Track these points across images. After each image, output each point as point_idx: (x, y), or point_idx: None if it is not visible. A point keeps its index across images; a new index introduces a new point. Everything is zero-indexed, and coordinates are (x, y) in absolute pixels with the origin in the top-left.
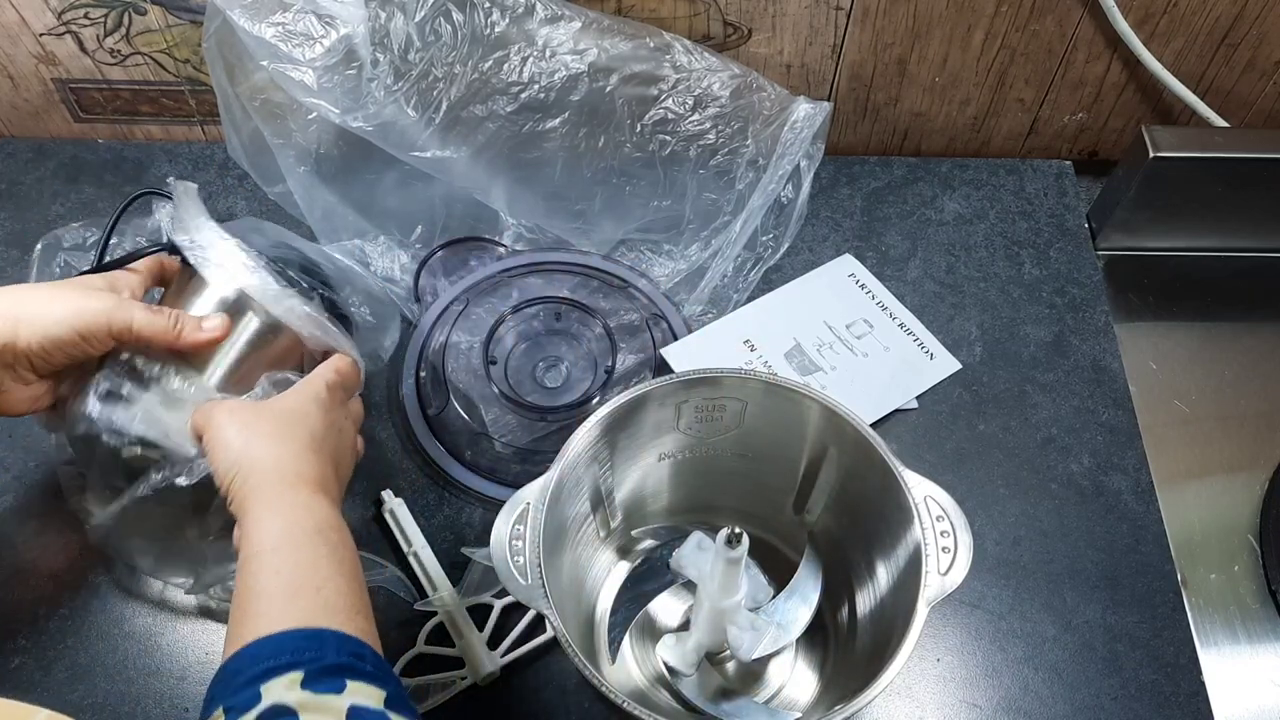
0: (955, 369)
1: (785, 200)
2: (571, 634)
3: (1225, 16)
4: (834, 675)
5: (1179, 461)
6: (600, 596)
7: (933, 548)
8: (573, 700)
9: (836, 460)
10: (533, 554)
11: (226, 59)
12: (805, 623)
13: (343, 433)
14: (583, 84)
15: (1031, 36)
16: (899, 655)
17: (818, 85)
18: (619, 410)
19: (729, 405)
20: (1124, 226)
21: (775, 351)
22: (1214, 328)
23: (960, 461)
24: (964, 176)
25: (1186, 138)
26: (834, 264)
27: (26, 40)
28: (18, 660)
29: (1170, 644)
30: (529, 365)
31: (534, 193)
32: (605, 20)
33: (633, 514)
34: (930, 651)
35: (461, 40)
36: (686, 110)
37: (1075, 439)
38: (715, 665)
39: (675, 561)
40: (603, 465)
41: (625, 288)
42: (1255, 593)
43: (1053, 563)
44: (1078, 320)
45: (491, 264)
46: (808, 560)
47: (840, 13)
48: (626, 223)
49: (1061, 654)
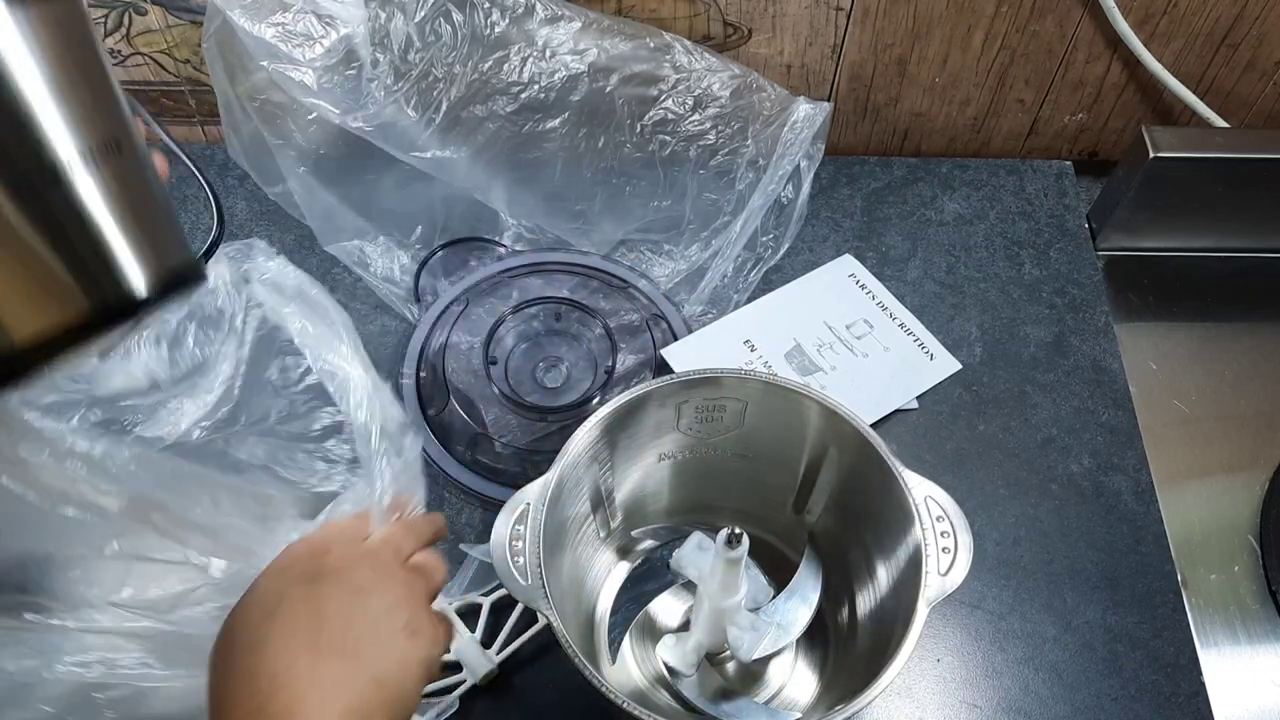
0: (955, 369)
1: (785, 200)
2: (571, 634)
3: (1225, 17)
4: (834, 675)
5: (1179, 461)
6: (600, 596)
7: (933, 548)
8: (573, 700)
9: (836, 460)
10: (533, 554)
11: (226, 59)
12: (805, 623)
13: (404, 619)
14: (583, 84)
15: (1031, 37)
16: (899, 655)
17: (818, 85)
18: (619, 410)
19: (729, 405)
20: (1124, 226)
21: (775, 352)
22: (1214, 328)
23: (960, 462)
24: (964, 177)
25: (1186, 138)
26: (834, 264)
27: None
28: None
29: (1170, 644)
30: (529, 365)
31: (534, 193)
32: (605, 20)
33: (633, 514)
34: (930, 652)
35: (461, 40)
36: (686, 110)
37: (1075, 439)
38: (715, 665)
39: (675, 562)
40: (603, 465)
41: (625, 288)
42: (1255, 593)
43: (1053, 563)
44: (1078, 320)
45: (491, 264)
46: (808, 560)
47: (840, 13)
48: (626, 223)
49: (1061, 654)
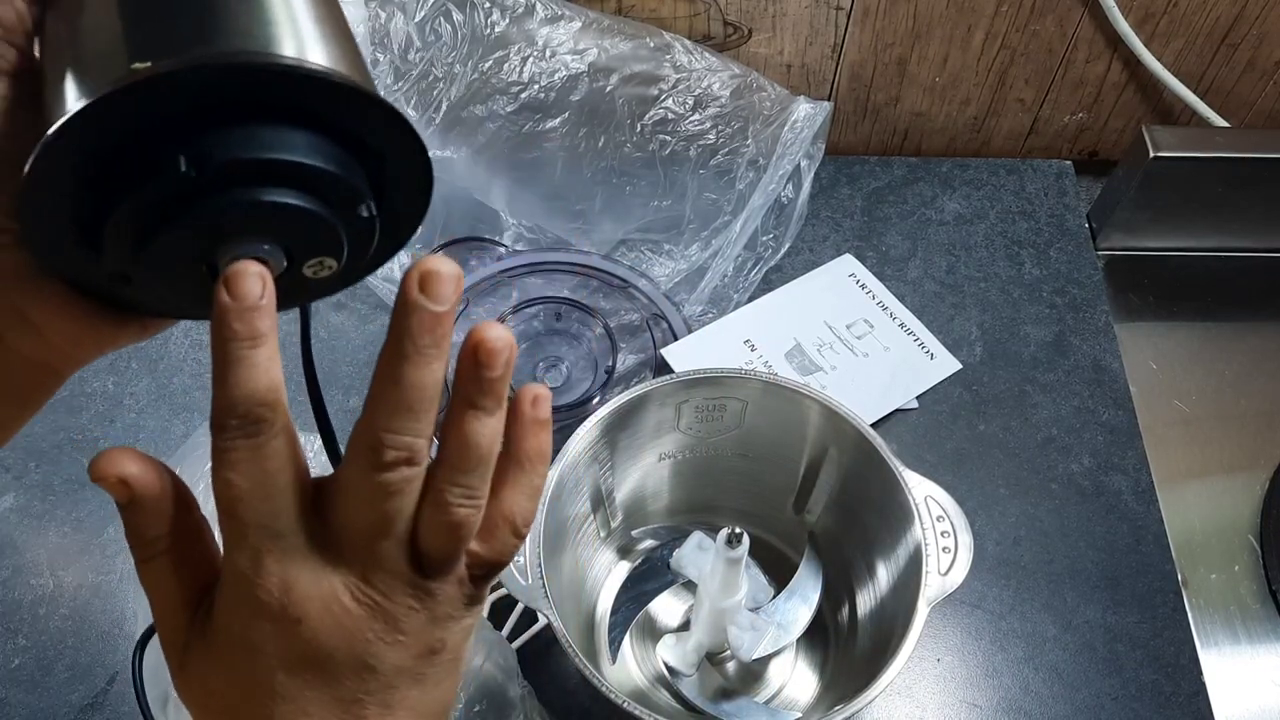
0: (955, 369)
1: (785, 200)
2: (571, 634)
3: (1225, 16)
4: (834, 675)
5: (1179, 461)
6: (600, 596)
7: (933, 548)
8: (573, 700)
9: (837, 460)
10: (533, 554)
11: None
12: (805, 623)
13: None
14: (583, 84)
15: (1031, 36)
16: (899, 655)
17: (818, 85)
18: (619, 410)
19: (729, 405)
20: (1124, 226)
21: (775, 351)
22: (1214, 328)
23: (960, 461)
24: (964, 176)
25: (1186, 138)
26: (834, 264)
27: None
28: (18, 660)
29: (1170, 644)
30: (529, 365)
31: (534, 193)
32: (605, 20)
33: (633, 514)
34: (930, 651)
35: (461, 40)
36: (686, 110)
37: (1075, 439)
38: (715, 665)
39: (675, 561)
40: (603, 465)
41: (625, 288)
42: (1255, 593)
43: (1053, 563)
44: (1078, 320)
45: (491, 264)
46: (808, 560)
47: (840, 13)
48: (626, 223)
49: (1062, 654)
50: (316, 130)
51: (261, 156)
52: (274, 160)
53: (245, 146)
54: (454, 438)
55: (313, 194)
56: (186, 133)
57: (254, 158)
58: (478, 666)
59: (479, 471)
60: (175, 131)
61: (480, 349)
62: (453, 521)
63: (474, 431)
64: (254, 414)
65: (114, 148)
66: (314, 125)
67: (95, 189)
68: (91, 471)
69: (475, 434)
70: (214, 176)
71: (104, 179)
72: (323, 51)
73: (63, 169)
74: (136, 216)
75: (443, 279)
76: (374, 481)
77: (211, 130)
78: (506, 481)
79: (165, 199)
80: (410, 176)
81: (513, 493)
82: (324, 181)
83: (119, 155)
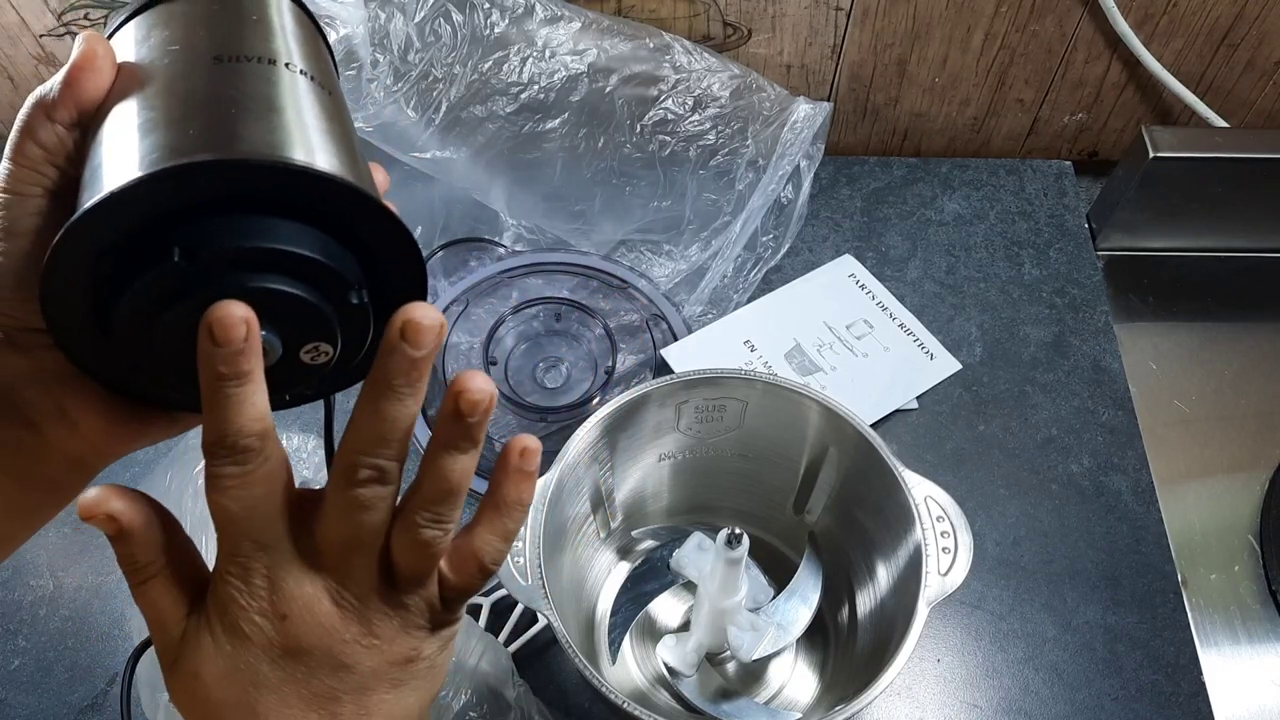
0: (955, 369)
1: (785, 201)
2: (571, 634)
3: (1225, 16)
4: (834, 675)
5: (1179, 461)
6: (600, 597)
7: (933, 548)
8: (573, 700)
9: (836, 460)
10: (533, 554)
11: None
12: (805, 623)
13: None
14: (582, 84)
15: (1031, 37)
16: (899, 655)
17: (818, 85)
18: (619, 411)
19: (729, 405)
20: (1124, 226)
21: (775, 352)
22: (1214, 328)
23: (960, 462)
24: (964, 177)
25: (1186, 138)
26: (834, 264)
27: (26, 41)
28: (18, 661)
29: (1170, 644)
30: (529, 366)
31: (534, 193)
32: (605, 20)
33: (633, 514)
34: (930, 651)
35: (461, 41)
36: (686, 111)
37: (1075, 439)
38: (715, 666)
39: (675, 562)
40: (603, 466)
41: (625, 288)
42: (1255, 593)
43: (1053, 563)
44: (1078, 320)
45: (491, 264)
46: (808, 560)
47: (840, 13)
48: (626, 223)
49: (1062, 654)
50: (307, 223)
51: (247, 245)
52: (260, 249)
53: (233, 237)
54: (429, 472)
55: (301, 280)
56: (181, 227)
57: (241, 246)
58: (472, 668)
59: (449, 502)
60: (170, 227)
61: (462, 398)
62: (419, 540)
63: (447, 468)
64: (241, 445)
65: (115, 245)
66: (304, 218)
67: (104, 283)
68: (80, 511)
69: (448, 470)
70: (205, 265)
71: (111, 273)
72: (306, 149)
73: (75, 266)
74: (136, 305)
75: (423, 330)
76: (348, 496)
77: (203, 224)
78: (483, 521)
79: (160, 288)
80: (402, 268)
81: (487, 533)
82: (310, 269)
83: (122, 251)
